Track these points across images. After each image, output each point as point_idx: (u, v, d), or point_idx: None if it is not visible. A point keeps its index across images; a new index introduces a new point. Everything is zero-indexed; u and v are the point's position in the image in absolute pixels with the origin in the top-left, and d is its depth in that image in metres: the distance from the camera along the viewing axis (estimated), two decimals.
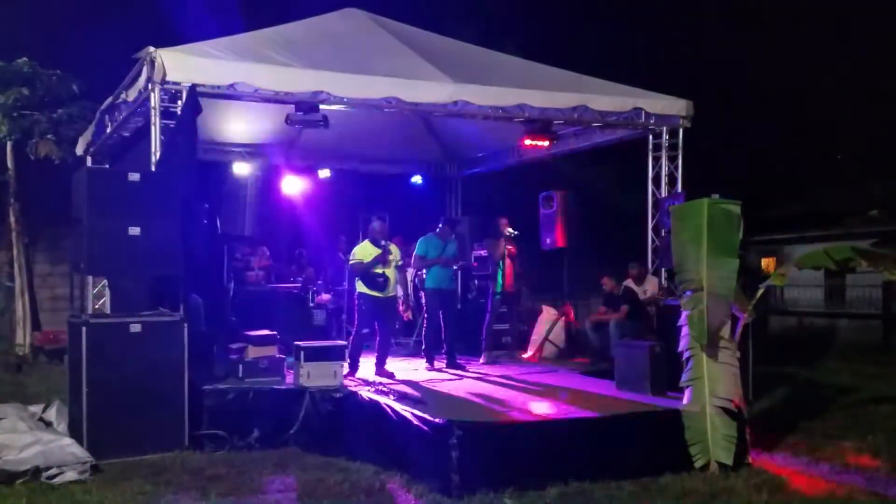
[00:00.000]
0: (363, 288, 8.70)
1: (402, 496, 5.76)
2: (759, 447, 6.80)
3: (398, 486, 5.93)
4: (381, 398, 6.86)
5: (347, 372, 8.07)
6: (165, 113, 7.63)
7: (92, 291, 10.84)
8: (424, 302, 9.51)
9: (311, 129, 8.74)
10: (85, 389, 6.56)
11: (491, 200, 13.83)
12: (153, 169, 7.47)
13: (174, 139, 7.48)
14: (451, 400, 7.23)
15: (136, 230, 6.87)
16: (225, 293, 9.67)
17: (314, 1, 10.30)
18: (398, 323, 10.47)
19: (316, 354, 7.49)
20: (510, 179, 13.63)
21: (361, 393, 7.22)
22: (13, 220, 13.63)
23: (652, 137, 9.92)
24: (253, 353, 7.79)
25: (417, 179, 13.61)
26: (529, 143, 9.89)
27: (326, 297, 11.31)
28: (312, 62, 8.31)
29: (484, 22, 18.42)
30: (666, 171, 9.78)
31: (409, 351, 10.56)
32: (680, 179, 9.69)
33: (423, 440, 6.06)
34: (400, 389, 7.41)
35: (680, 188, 9.63)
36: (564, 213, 10.78)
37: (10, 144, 13.39)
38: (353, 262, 8.79)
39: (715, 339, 6.47)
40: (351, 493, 5.81)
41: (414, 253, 9.42)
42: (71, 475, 5.94)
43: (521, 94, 8.91)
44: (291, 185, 12.45)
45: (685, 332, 6.62)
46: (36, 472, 5.91)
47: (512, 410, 6.59)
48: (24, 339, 13.33)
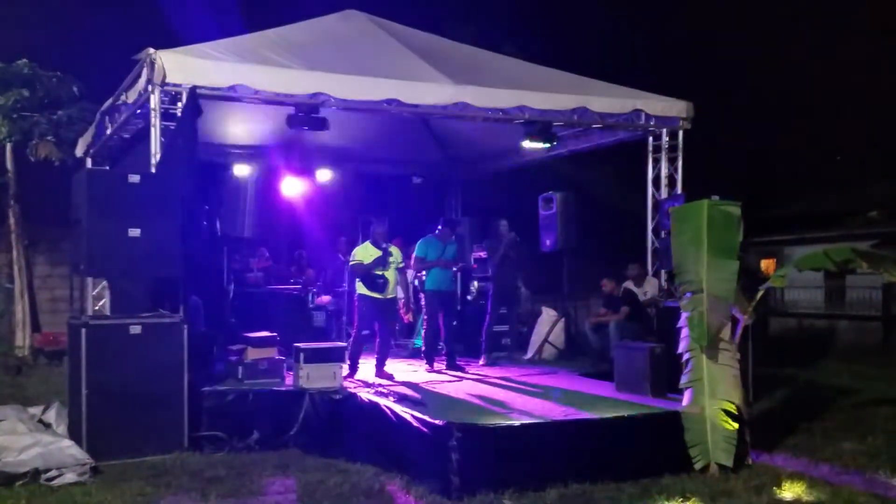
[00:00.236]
0: (363, 289, 8.70)
1: (401, 498, 5.76)
2: (759, 449, 6.79)
3: (398, 487, 5.92)
4: (380, 400, 6.86)
5: (347, 373, 8.06)
6: (165, 114, 7.63)
7: (92, 293, 10.84)
8: (424, 304, 9.51)
9: (311, 130, 8.74)
10: (84, 391, 6.56)
11: (491, 202, 13.83)
12: (153, 170, 7.47)
13: (174, 141, 7.48)
14: (450, 401, 7.23)
15: (135, 232, 6.88)
16: (224, 295, 9.68)
17: (314, 3, 10.32)
18: (398, 325, 10.48)
19: (315, 356, 7.49)
20: (510, 181, 13.63)
21: (361, 394, 7.22)
22: (13, 221, 13.63)
23: (652, 139, 9.93)
24: (252, 354, 7.79)
25: (417, 181, 13.61)
26: (529, 144, 9.90)
27: (326, 298, 11.31)
28: (312, 64, 8.32)
29: (484, 23, 18.42)
30: (666, 172, 9.79)
31: (408, 352, 10.56)
32: (680, 181, 9.69)
33: (422, 442, 6.06)
34: (400, 391, 7.41)
35: (680, 189, 9.63)
36: (564, 214, 10.78)
37: (9, 146, 13.39)
38: (352, 262, 8.80)
39: (715, 340, 6.47)
40: (351, 494, 5.80)
41: (413, 255, 9.42)
42: (70, 477, 5.94)
43: (520, 95, 8.92)
44: (291, 186, 12.43)
45: (685, 333, 6.61)
46: (35, 473, 5.90)
47: (512, 412, 6.59)
48: (23, 340, 13.33)
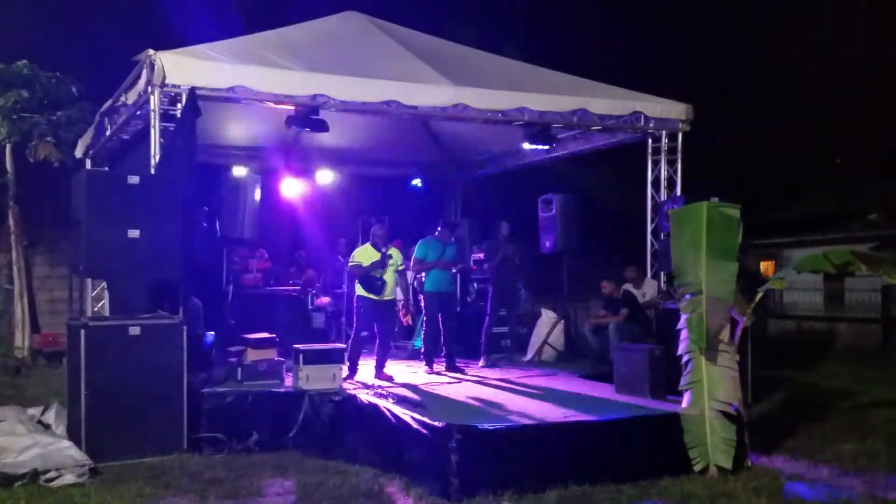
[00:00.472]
0: (361, 291, 8.71)
1: (401, 499, 5.75)
2: (758, 450, 6.79)
3: (397, 489, 5.92)
4: (380, 401, 6.86)
5: (346, 375, 8.06)
6: (165, 116, 7.63)
7: (91, 294, 10.84)
8: (423, 305, 9.50)
9: (310, 132, 8.74)
10: (84, 392, 6.55)
11: (490, 203, 13.84)
12: (153, 172, 7.47)
13: (174, 142, 7.48)
14: (450, 403, 7.23)
15: (135, 233, 6.87)
16: (224, 296, 9.67)
17: (314, 4, 10.33)
18: (397, 326, 10.47)
19: (315, 357, 7.48)
20: (510, 182, 13.63)
21: (360, 396, 7.21)
22: (12, 222, 13.62)
23: (651, 141, 9.93)
24: (252, 356, 7.78)
25: (417, 182, 13.61)
26: (529, 146, 9.90)
27: (326, 299, 11.31)
28: (312, 65, 8.32)
29: (483, 25, 18.43)
30: (665, 174, 9.80)
31: (408, 354, 10.56)
32: (679, 183, 9.70)
33: (422, 443, 6.06)
34: (399, 392, 7.41)
35: (679, 191, 9.64)
36: (564, 216, 10.78)
37: (9, 147, 13.39)
38: (351, 264, 8.80)
39: (714, 342, 6.47)
40: (350, 496, 5.80)
41: (413, 256, 9.42)
42: (69, 478, 5.93)
43: (520, 97, 8.92)
44: (291, 187, 12.45)
45: (684, 335, 6.61)
46: (34, 474, 5.89)
47: (511, 414, 6.59)
48: (23, 341, 13.32)
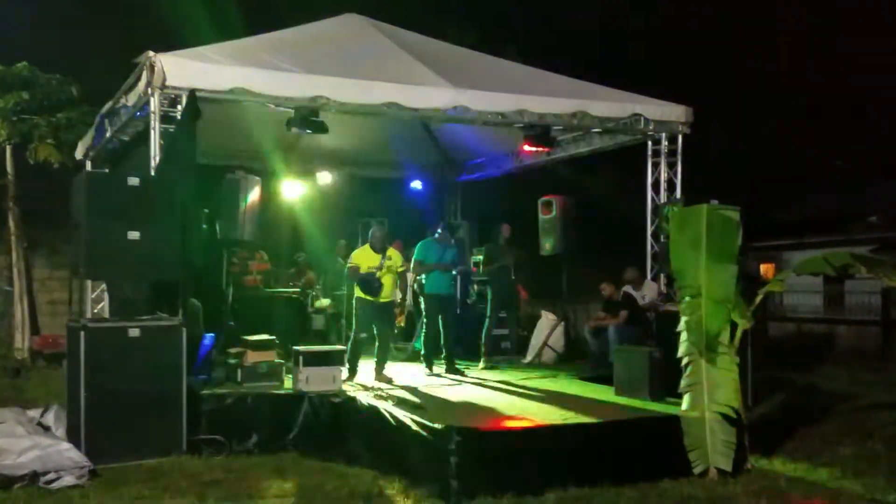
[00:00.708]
0: (359, 292, 8.72)
1: (400, 501, 5.74)
2: (758, 453, 6.78)
3: (397, 491, 5.91)
4: (379, 403, 6.85)
5: (346, 377, 8.05)
6: (165, 117, 7.64)
7: (91, 296, 10.85)
8: (423, 307, 9.50)
9: (310, 133, 8.75)
10: (83, 394, 6.54)
11: (490, 206, 13.85)
12: (152, 173, 7.48)
13: (174, 144, 7.49)
14: (450, 405, 7.23)
15: (135, 234, 6.86)
16: (224, 298, 9.67)
17: (314, 6, 10.34)
18: (396, 328, 10.46)
19: (315, 359, 7.48)
20: (510, 184, 13.65)
21: (360, 398, 7.21)
22: (12, 224, 13.63)
23: (651, 143, 9.94)
24: (252, 357, 7.78)
25: (417, 184, 13.62)
26: (529, 148, 9.90)
27: (325, 301, 11.31)
28: (312, 67, 8.32)
29: (483, 27, 18.44)
30: (665, 176, 9.80)
31: (408, 356, 10.55)
32: (679, 185, 9.70)
33: (421, 445, 6.05)
34: (399, 394, 7.40)
35: (679, 194, 9.64)
36: (564, 218, 10.79)
37: (9, 149, 13.40)
38: (349, 265, 8.79)
39: (714, 344, 6.46)
40: (349, 498, 5.79)
41: (413, 258, 9.42)
42: (69, 480, 5.92)
43: (520, 99, 8.93)
44: (290, 189, 12.46)
45: (684, 337, 6.61)
46: (34, 476, 5.88)
47: (511, 416, 6.59)
48: (22, 343, 13.32)
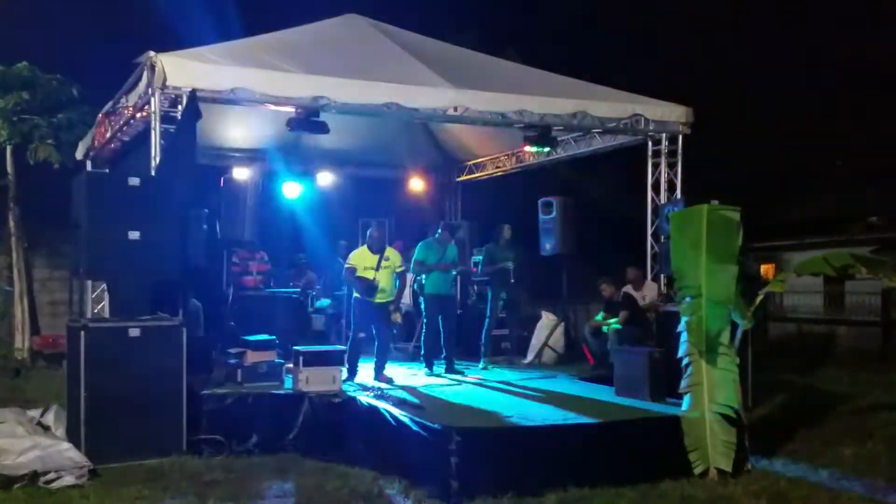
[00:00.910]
0: (357, 293, 8.71)
1: (400, 502, 5.75)
2: (758, 454, 6.79)
3: (397, 491, 5.91)
4: (379, 403, 6.85)
5: (346, 377, 8.05)
6: (165, 118, 7.64)
7: (91, 296, 10.84)
8: (423, 307, 9.50)
9: (311, 134, 8.75)
10: (83, 394, 6.54)
11: (490, 206, 13.85)
12: (153, 174, 7.47)
13: (174, 144, 7.49)
14: (450, 405, 7.22)
15: (135, 234, 6.87)
16: (224, 298, 9.67)
17: (315, 6, 10.34)
18: (395, 328, 10.44)
19: (315, 359, 7.48)
20: (510, 185, 13.64)
21: (360, 398, 7.21)
22: (13, 224, 13.62)
23: (651, 144, 9.94)
24: (252, 357, 7.78)
25: (417, 184, 13.62)
26: (529, 148, 9.90)
27: (326, 301, 11.30)
28: (313, 68, 8.33)
29: (484, 28, 18.43)
30: (665, 177, 9.80)
31: (408, 356, 10.55)
32: (679, 186, 9.70)
33: (421, 446, 6.05)
34: (399, 395, 7.40)
35: (679, 194, 9.64)
36: (564, 218, 10.79)
37: (9, 149, 13.39)
38: (347, 266, 8.79)
39: (714, 345, 6.47)
40: (349, 498, 5.79)
41: (413, 258, 9.42)
42: (69, 480, 5.92)
43: (520, 99, 8.93)
44: (291, 189, 12.46)
45: (684, 338, 6.61)
46: (34, 476, 5.89)
47: (511, 416, 6.58)
48: (23, 343, 13.31)
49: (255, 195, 9.28)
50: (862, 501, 5.84)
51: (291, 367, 7.66)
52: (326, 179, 12.78)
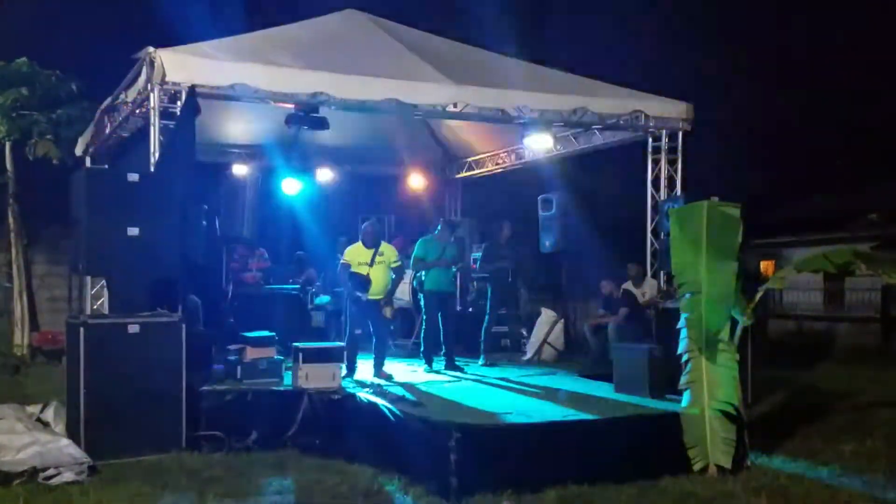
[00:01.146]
0: (350, 289, 8.69)
1: (400, 499, 5.74)
2: (757, 450, 6.78)
3: (396, 488, 5.90)
4: (379, 400, 6.85)
5: (345, 373, 8.04)
6: (165, 113, 7.62)
7: (90, 292, 10.83)
8: (423, 304, 9.50)
9: (310, 130, 8.73)
10: (83, 390, 6.54)
11: (491, 202, 13.84)
12: (152, 170, 7.46)
13: (173, 140, 7.47)
14: (449, 402, 7.20)
15: (134, 231, 6.86)
16: (223, 295, 9.66)
17: (314, 2, 10.31)
18: (392, 324, 10.43)
19: (314, 356, 7.47)
20: (510, 181, 13.63)
21: (360, 395, 7.21)
22: (12, 220, 13.62)
23: (651, 140, 9.92)
24: (251, 354, 7.78)
25: (417, 181, 13.60)
26: (529, 144, 9.88)
27: (325, 298, 11.29)
28: (312, 63, 8.31)
29: (484, 24, 18.40)
30: (665, 173, 9.79)
31: (407, 352, 10.55)
32: (679, 182, 9.69)
33: (421, 442, 6.05)
34: (398, 391, 7.40)
35: (679, 191, 9.63)
36: (563, 215, 10.78)
37: (8, 145, 13.38)
38: (342, 262, 8.77)
39: (714, 342, 6.46)
40: (349, 495, 5.79)
41: (413, 255, 9.41)
42: (68, 476, 5.92)
43: (521, 96, 8.92)
44: (291, 186, 12.44)
45: (684, 334, 6.61)
46: (33, 472, 5.89)
47: (510, 413, 6.57)
48: (22, 339, 13.32)
49: (254, 192, 9.27)
50: (861, 498, 5.83)
51: (291, 363, 7.65)
52: (326, 176, 12.76)
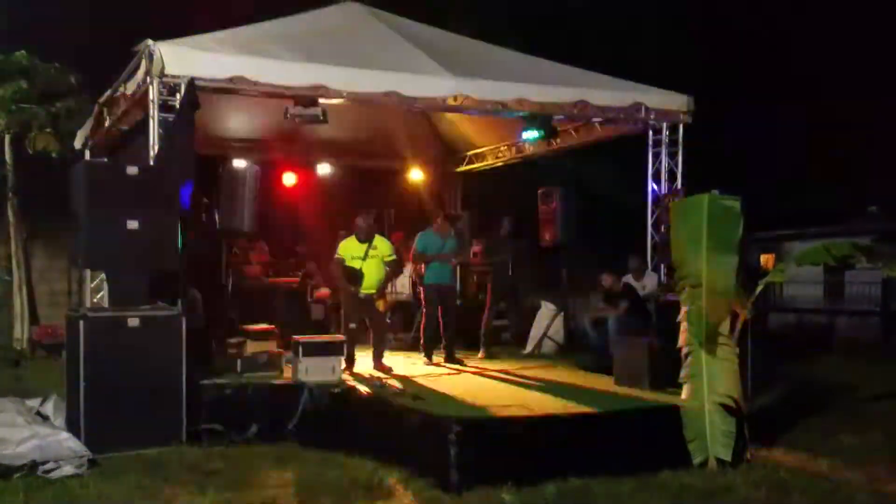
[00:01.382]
0: (345, 283, 8.70)
1: (400, 491, 5.74)
2: (757, 443, 6.78)
3: (396, 481, 5.90)
4: (379, 393, 6.85)
5: (344, 366, 8.04)
6: (164, 106, 7.58)
7: (90, 285, 10.83)
8: (423, 297, 9.50)
9: (310, 123, 8.71)
10: (82, 384, 6.53)
11: (490, 196, 13.82)
12: (151, 163, 7.45)
13: (172, 133, 7.45)
14: (449, 395, 7.21)
15: (134, 224, 6.84)
16: (223, 288, 9.66)
17: None
18: (389, 318, 10.42)
19: (314, 349, 7.48)
20: (510, 175, 13.61)
21: (360, 388, 7.21)
22: (11, 214, 13.59)
23: (652, 133, 9.90)
24: (251, 347, 7.78)
25: (417, 174, 13.58)
26: (529, 138, 9.85)
27: (325, 292, 11.30)
28: (311, 56, 8.28)
29: (484, 16, 18.36)
30: (666, 166, 9.77)
31: (407, 345, 10.54)
32: (680, 175, 9.67)
33: (421, 435, 6.06)
34: (398, 384, 7.40)
35: (680, 184, 9.61)
36: (564, 208, 10.76)
37: (8, 138, 13.35)
38: (335, 257, 8.75)
39: (714, 335, 6.46)
40: (349, 488, 5.79)
41: (413, 248, 9.40)
42: (68, 470, 5.91)
43: (520, 88, 8.89)
44: (290, 179, 12.43)
45: (684, 328, 6.60)
46: (33, 466, 5.88)
47: (510, 406, 6.57)
48: (22, 333, 13.31)
49: (253, 185, 9.25)
50: (861, 490, 5.83)
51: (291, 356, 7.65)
52: (326, 169, 12.74)
